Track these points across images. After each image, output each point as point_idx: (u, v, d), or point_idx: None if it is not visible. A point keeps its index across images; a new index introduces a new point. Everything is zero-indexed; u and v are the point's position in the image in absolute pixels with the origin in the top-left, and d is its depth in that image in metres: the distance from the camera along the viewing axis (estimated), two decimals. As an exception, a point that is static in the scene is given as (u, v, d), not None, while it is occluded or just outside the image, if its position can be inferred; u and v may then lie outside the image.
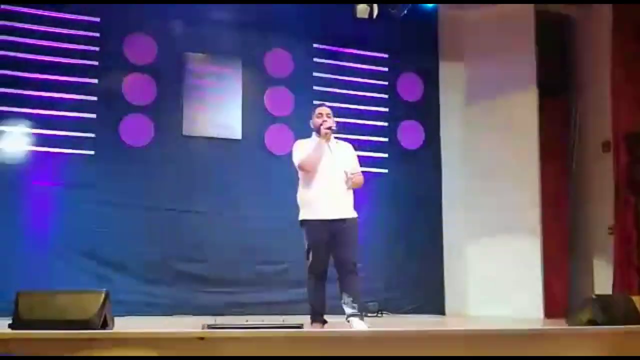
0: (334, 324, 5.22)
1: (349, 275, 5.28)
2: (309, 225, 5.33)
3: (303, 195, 5.45)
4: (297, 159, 5.44)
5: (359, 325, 5.11)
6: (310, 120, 5.60)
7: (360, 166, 5.67)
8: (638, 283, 7.05)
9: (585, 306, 4.80)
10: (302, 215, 5.40)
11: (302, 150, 5.46)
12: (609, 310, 4.72)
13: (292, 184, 7.91)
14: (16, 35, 7.31)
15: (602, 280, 7.51)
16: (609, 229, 7.63)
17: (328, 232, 5.27)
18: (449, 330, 4.91)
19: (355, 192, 5.56)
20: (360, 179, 5.52)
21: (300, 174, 5.49)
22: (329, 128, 5.41)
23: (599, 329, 4.42)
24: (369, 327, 5.04)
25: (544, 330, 5.05)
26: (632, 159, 7.34)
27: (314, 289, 5.38)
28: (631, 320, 4.73)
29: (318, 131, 5.48)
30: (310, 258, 5.33)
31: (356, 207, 5.50)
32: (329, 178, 5.35)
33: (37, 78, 7.33)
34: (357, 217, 5.44)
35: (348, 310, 5.22)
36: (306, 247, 5.35)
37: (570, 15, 8.50)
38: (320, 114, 5.51)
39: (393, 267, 8.17)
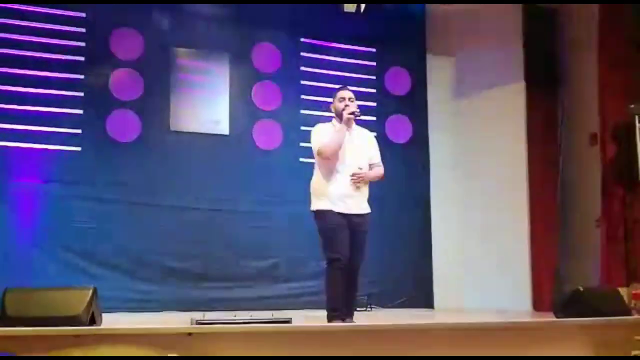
0: (322, 317, 5.20)
1: (352, 275, 5.06)
2: (326, 214, 4.97)
3: (319, 183, 5.07)
4: (315, 144, 5.06)
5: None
6: (331, 105, 5.21)
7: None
8: (625, 275, 7.07)
9: (572, 298, 4.81)
10: (318, 205, 5.04)
11: (321, 135, 5.08)
12: (596, 303, 4.74)
13: (280, 179, 8.01)
14: (0, 31, 7.24)
15: (590, 273, 7.53)
16: (596, 221, 7.65)
17: (347, 222, 4.97)
18: (437, 323, 4.92)
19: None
20: (379, 170, 5.23)
21: (317, 160, 5.12)
22: (352, 113, 5.03)
23: (586, 321, 4.43)
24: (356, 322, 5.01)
25: (533, 323, 5.08)
26: (619, 151, 7.36)
27: (333, 281, 4.92)
28: (618, 312, 4.75)
29: (339, 116, 5.09)
30: (331, 245, 4.93)
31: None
32: (349, 167, 5.02)
33: (22, 74, 7.28)
34: (370, 213, 5.14)
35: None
36: (323, 236, 5.00)
37: (557, 10, 8.51)
38: (343, 98, 5.10)
39: (382, 261, 8.15)
